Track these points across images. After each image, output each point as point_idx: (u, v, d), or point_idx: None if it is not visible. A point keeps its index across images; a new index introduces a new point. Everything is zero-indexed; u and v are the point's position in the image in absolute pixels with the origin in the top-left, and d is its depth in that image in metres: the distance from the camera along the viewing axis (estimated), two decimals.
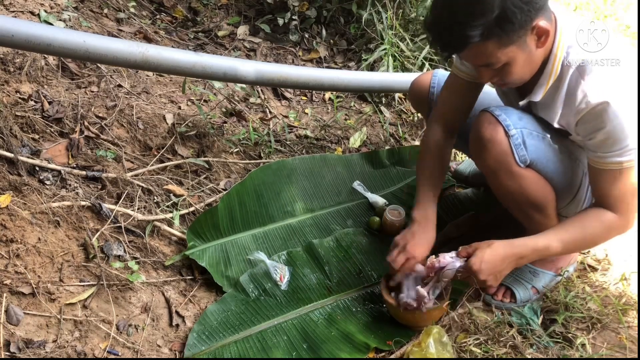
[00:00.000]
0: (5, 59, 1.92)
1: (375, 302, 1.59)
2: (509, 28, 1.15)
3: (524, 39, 1.20)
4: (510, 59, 1.22)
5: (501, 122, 1.35)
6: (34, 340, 1.28)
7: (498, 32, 1.15)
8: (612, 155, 1.26)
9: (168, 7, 2.84)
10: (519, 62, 1.24)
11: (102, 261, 1.50)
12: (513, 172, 1.39)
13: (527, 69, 1.27)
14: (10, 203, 1.46)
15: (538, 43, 1.23)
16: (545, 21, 1.20)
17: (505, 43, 1.18)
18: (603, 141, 1.25)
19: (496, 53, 1.20)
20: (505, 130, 1.35)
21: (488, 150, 1.38)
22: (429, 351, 1.30)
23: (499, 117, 1.36)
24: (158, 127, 2.05)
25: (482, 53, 1.21)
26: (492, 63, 1.23)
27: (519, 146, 1.36)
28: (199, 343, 1.42)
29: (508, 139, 1.35)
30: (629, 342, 1.35)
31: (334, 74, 2.07)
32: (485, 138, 1.37)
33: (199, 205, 1.82)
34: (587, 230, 1.33)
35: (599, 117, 1.22)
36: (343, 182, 2.02)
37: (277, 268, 1.62)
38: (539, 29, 1.19)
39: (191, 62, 1.75)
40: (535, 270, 1.54)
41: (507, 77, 1.28)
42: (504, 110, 1.38)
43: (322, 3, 2.81)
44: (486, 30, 1.14)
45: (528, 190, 1.41)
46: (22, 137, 1.70)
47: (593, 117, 1.23)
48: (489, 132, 1.36)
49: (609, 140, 1.24)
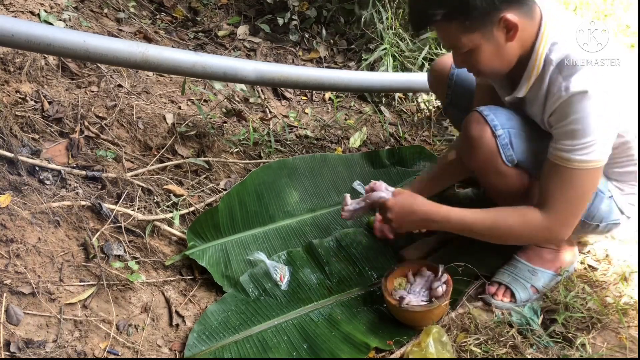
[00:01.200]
0: (5, 59, 1.92)
1: (375, 302, 1.59)
2: (471, 13, 1.20)
3: (490, 29, 1.23)
4: (475, 47, 1.26)
5: (489, 122, 1.37)
6: (34, 340, 1.28)
7: (459, 16, 1.21)
8: (564, 149, 1.24)
9: (168, 7, 2.84)
10: (485, 51, 1.27)
11: (102, 261, 1.50)
12: (500, 171, 1.41)
13: (497, 61, 1.29)
14: (10, 203, 1.46)
15: (507, 36, 1.25)
16: (515, 15, 1.21)
17: (469, 29, 1.23)
18: (563, 132, 1.24)
19: (460, 37, 1.25)
20: (493, 130, 1.37)
21: (475, 149, 1.41)
22: (428, 351, 1.30)
23: (487, 117, 1.38)
24: (158, 127, 2.05)
25: (447, 34, 1.27)
26: (458, 47, 1.28)
27: (505, 146, 1.38)
28: (199, 343, 1.42)
29: (495, 139, 1.37)
30: (629, 342, 1.35)
31: (334, 73, 2.07)
32: (473, 137, 1.40)
33: (199, 205, 1.82)
34: (501, 220, 1.36)
35: (568, 107, 1.21)
36: (343, 181, 2.02)
37: (277, 268, 1.62)
38: (506, 21, 1.22)
39: (191, 62, 1.75)
40: (534, 269, 1.54)
41: (475, 65, 1.31)
42: (493, 110, 1.40)
43: (322, 3, 2.81)
44: (449, 11, 1.21)
45: (515, 188, 1.43)
46: (22, 137, 1.70)
47: (563, 107, 1.22)
48: (477, 132, 1.39)
49: (568, 132, 1.23)
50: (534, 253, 1.56)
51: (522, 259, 1.57)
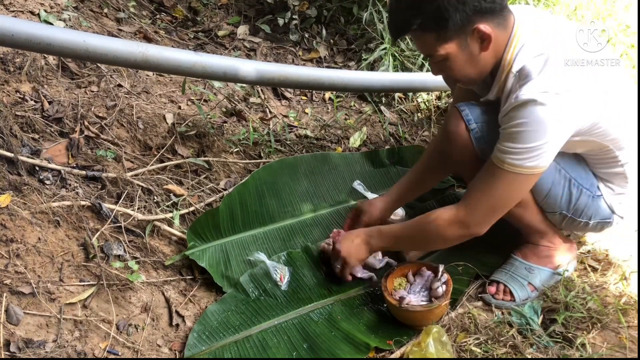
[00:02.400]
0: (5, 58, 1.92)
1: (375, 302, 1.59)
2: (444, 24, 1.24)
3: (464, 39, 1.27)
4: (449, 55, 1.29)
5: (463, 117, 1.44)
6: (34, 340, 1.27)
7: (435, 26, 1.25)
8: (501, 150, 1.28)
9: (168, 6, 2.84)
10: (459, 60, 1.30)
11: (102, 261, 1.50)
12: (477, 164, 1.44)
13: (471, 69, 1.32)
14: (10, 203, 1.46)
15: (481, 46, 1.28)
16: (488, 25, 1.24)
17: (443, 38, 1.27)
18: (505, 134, 1.27)
19: (435, 46, 1.28)
20: (466, 124, 1.43)
21: (452, 142, 1.47)
22: (428, 351, 1.30)
23: (462, 112, 1.44)
24: (158, 126, 2.05)
25: (423, 43, 1.31)
26: (433, 55, 1.31)
27: (479, 140, 1.43)
28: (199, 343, 1.42)
29: (469, 133, 1.43)
30: (629, 342, 1.35)
31: (334, 73, 2.07)
32: (449, 131, 1.47)
33: (199, 205, 1.82)
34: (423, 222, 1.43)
35: (517, 112, 1.23)
36: (343, 181, 2.02)
37: (277, 268, 1.62)
38: (480, 32, 1.25)
39: (191, 62, 1.75)
40: (530, 266, 1.55)
41: (450, 72, 1.35)
42: (469, 105, 1.46)
43: (322, 2, 2.81)
44: (424, 21, 1.25)
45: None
46: (22, 137, 1.70)
47: (513, 110, 1.24)
48: (453, 126, 1.46)
49: (508, 134, 1.26)
50: (529, 251, 1.57)
51: (519, 257, 1.58)
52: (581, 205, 1.44)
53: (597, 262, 1.65)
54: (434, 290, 1.47)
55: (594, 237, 1.70)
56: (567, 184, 1.42)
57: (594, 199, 1.44)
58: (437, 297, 1.45)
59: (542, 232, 1.53)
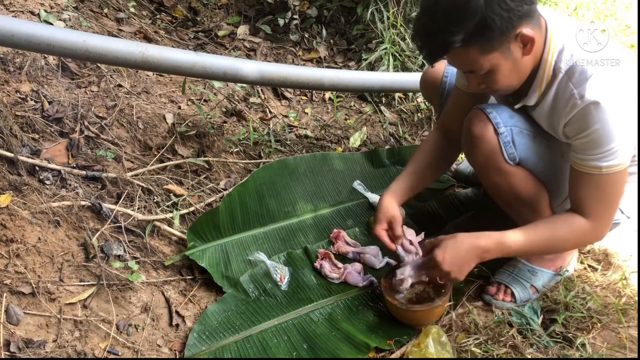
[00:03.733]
0: (5, 58, 1.92)
1: (375, 302, 1.59)
2: (490, 35, 1.16)
3: (507, 46, 1.21)
4: (494, 66, 1.23)
5: (491, 120, 1.37)
6: (34, 340, 1.28)
7: (479, 39, 1.17)
8: (592, 159, 1.26)
9: (168, 6, 2.84)
10: (504, 69, 1.24)
11: (102, 261, 1.50)
12: (502, 169, 1.41)
13: (514, 76, 1.28)
14: (10, 203, 1.46)
15: (524, 50, 1.24)
16: (530, 28, 1.20)
17: (487, 50, 1.20)
18: (586, 143, 1.25)
19: (479, 59, 1.21)
20: (495, 127, 1.37)
21: (477, 147, 1.40)
22: (428, 351, 1.30)
23: (489, 115, 1.38)
24: (158, 127, 2.05)
25: (466, 59, 1.23)
26: (476, 69, 1.24)
27: (507, 144, 1.38)
28: (199, 343, 1.42)
29: (497, 137, 1.37)
30: (629, 342, 1.35)
31: (334, 73, 2.07)
32: (475, 135, 1.39)
33: (199, 205, 1.82)
34: (554, 234, 1.34)
35: (586, 117, 1.22)
36: (343, 181, 2.02)
37: (277, 268, 1.62)
38: (523, 36, 1.20)
39: (191, 62, 1.75)
40: (534, 269, 1.55)
41: (493, 84, 1.28)
42: (495, 108, 1.39)
43: (323, 2, 2.81)
44: (467, 36, 1.16)
45: (517, 187, 1.42)
46: (22, 137, 1.70)
47: (580, 117, 1.23)
48: (479, 130, 1.38)
49: (592, 142, 1.24)
50: None
51: (522, 258, 1.57)
52: None
53: (597, 262, 1.65)
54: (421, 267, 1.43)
55: None
56: None
57: None
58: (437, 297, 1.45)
59: None
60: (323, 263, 1.66)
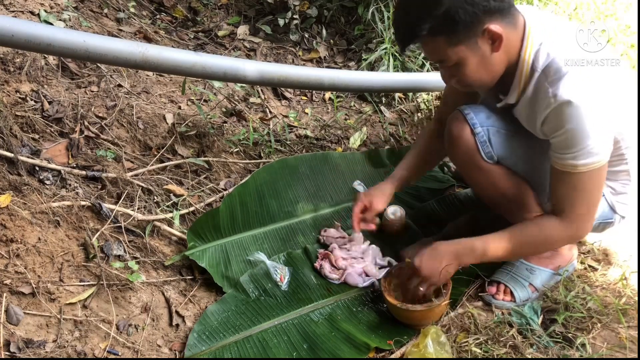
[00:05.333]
0: (5, 58, 1.92)
1: (375, 302, 1.59)
2: (455, 27, 1.21)
3: (474, 41, 1.24)
4: (461, 59, 1.27)
5: (468, 121, 1.43)
6: (34, 340, 1.28)
7: (444, 30, 1.22)
8: (567, 157, 1.26)
9: (168, 7, 2.84)
10: (471, 63, 1.27)
11: (102, 261, 1.50)
12: (481, 168, 1.45)
13: (484, 72, 1.30)
14: (10, 203, 1.46)
15: (492, 47, 1.26)
16: (499, 25, 1.22)
17: (454, 42, 1.24)
18: (561, 141, 1.25)
19: (446, 50, 1.26)
20: (471, 128, 1.42)
21: (456, 147, 1.46)
22: (427, 351, 1.30)
23: (467, 116, 1.43)
24: (158, 127, 2.05)
25: (434, 49, 1.28)
26: (444, 60, 1.29)
27: (484, 143, 1.42)
28: (199, 343, 1.42)
29: (474, 137, 1.42)
30: (629, 342, 1.35)
31: (334, 73, 2.07)
32: (453, 136, 1.46)
33: (199, 205, 1.82)
34: (527, 237, 1.37)
35: (559, 117, 1.22)
36: (344, 181, 2.02)
37: (277, 268, 1.62)
38: (490, 32, 1.23)
39: (191, 62, 1.75)
40: (532, 267, 1.55)
41: (462, 77, 1.31)
42: (473, 108, 1.44)
43: (323, 2, 2.81)
44: (433, 25, 1.22)
45: (499, 184, 1.45)
46: (22, 137, 1.70)
47: (554, 116, 1.23)
48: (457, 130, 1.45)
49: (566, 140, 1.24)
50: None
51: None
52: None
53: (597, 262, 1.65)
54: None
55: (594, 237, 1.70)
56: None
57: None
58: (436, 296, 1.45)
59: None
60: (323, 263, 1.66)
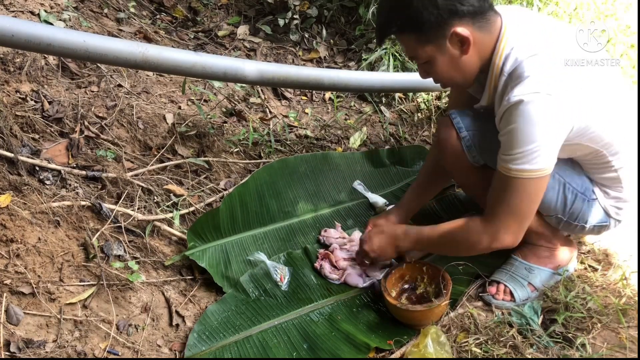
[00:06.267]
0: (5, 58, 1.92)
1: (375, 302, 1.59)
2: (421, 27, 1.26)
3: (443, 42, 1.27)
4: (431, 58, 1.31)
5: (454, 125, 1.46)
6: (34, 340, 1.28)
7: (412, 29, 1.28)
8: (505, 158, 1.26)
9: (168, 7, 2.84)
10: (440, 63, 1.31)
11: (102, 261, 1.50)
12: (469, 170, 1.48)
13: (455, 72, 1.33)
14: (10, 203, 1.46)
15: (462, 50, 1.28)
16: (467, 28, 1.24)
17: (423, 41, 1.29)
18: (505, 141, 1.26)
19: (417, 48, 1.31)
20: (457, 132, 1.45)
21: (444, 151, 1.51)
22: (427, 351, 1.30)
23: (453, 120, 1.46)
24: (158, 127, 2.05)
25: (405, 45, 1.34)
26: (415, 57, 1.34)
27: (470, 147, 1.45)
28: (199, 343, 1.42)
29: (460, 141, 1.45)
30: (629, 342, 1.35)
31: (334, 73, 2.07)
32: (441, 139, 1.50)
33: (199, 205, 1.82)
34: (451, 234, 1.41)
35: (509, 116, 1.22)
36: (344, 181, 2.02)
37: (277, 268, 1.62)
38: (457, 35, 1.25)
39: (191, 62, 1.75)
40: (531, 266, 1.55)
41: (434, 75, 1.36)
42: (460, 113, 1.47)
43: (323, 2, 2.80)
44: (401, 24, 1.28)
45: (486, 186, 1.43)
46: (22, 137, 1.70)
47: (505, 115, 1.23)
48: (444, 135, 1.48)
49: (509, 141, 1.24)
50: (529, 251, 1.57)
51: (519, 257, 1.58)
52: (576, 209, 1.42)
53: (597, 262, 1.65)
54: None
55: (594, 237, 1.70)
56: (561, 189, 1.41)
57: (589, 203, 1.42)
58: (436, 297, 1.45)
59: (540, 234, 1.53)
60: (323, 264, 1.66)
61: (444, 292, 1.45)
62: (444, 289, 1.46)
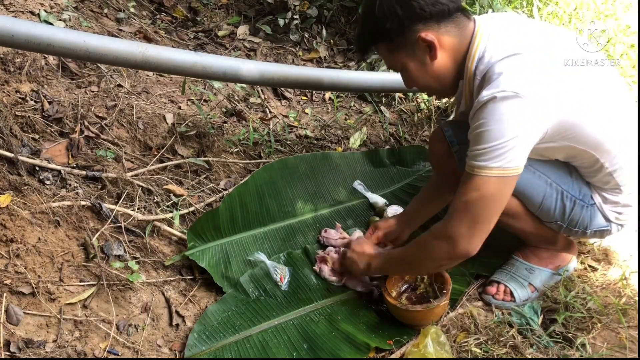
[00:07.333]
0: (5, 58, 1.92)
1: (375, 302, 1.59)
2: (387, 35, 1.28)
3: (411, 48, 1.28)
4: (403, 65, 1.33)
5: (447, 139, 1.46)
6: (34, 340, 1.28)
7: (381, 38, 1.30)
8: (468, 157, 1.23)
9: (168, 7, 2.84)
10: (412, 69, 1.32)
11: (102, 261, 1.50)
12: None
13: (428, 78, 1.33)
14: (10, 203, 1.46)
15: (430, 55, 1.27)
16: (433, 33, 1.24)
17: (393, 49, 1.31)
18: (472, 137, 1.22)
19: (389, 57, 1.34)
20: (450, 145, 1.46)
21: (438, 165, 1.55)
22: (427, 351, 1.30)
23: (445, 133, 1.47)
24: (158, 127, 2.05)
25: (381, 55, 1.36)
26: (392, 66, 1.36)
27: (461, 160, 1.36)
28: (199, 343, 1.42)
29: (452, 153, 1.46)
30: (629, 342, 1.35)
31: (334, 73, 2.07)
32: (435, 154, 1.55)
33: (199, 205, 1.82)
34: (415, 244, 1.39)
35: (478, 113, 1.19)
36: (344, 181, 2.03)
37: (277, 268, 1.62)
38: (423, 40, 1.25)
39: (191, 62, 1.75)
40: (531, 267, 1.55)
41: (411, 82, 1.37)
42: (452, 125, 1.48)
43: (323, 2, 2.81)
44: (370, 34, 1.32)
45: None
46: (22, 137, 1.70)
47: (478, 114, 1.20)
48: (438, 148, 1.52)
49: (475, 136, 1.20)
50: (530, 251, 1.57)
51: (519, 257, 1.58)
52: (576, 216, 1.40)
53: (597, 262, 1.65)
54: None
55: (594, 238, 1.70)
56: (559, 197, 1.39)
57: (588, 209, 1.40)
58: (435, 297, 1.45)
59: (541, 236, 1.52)
60: (322, 267, 1.65)
61: (444, 292, 1.45)
62: (443, 289, 1.47)
